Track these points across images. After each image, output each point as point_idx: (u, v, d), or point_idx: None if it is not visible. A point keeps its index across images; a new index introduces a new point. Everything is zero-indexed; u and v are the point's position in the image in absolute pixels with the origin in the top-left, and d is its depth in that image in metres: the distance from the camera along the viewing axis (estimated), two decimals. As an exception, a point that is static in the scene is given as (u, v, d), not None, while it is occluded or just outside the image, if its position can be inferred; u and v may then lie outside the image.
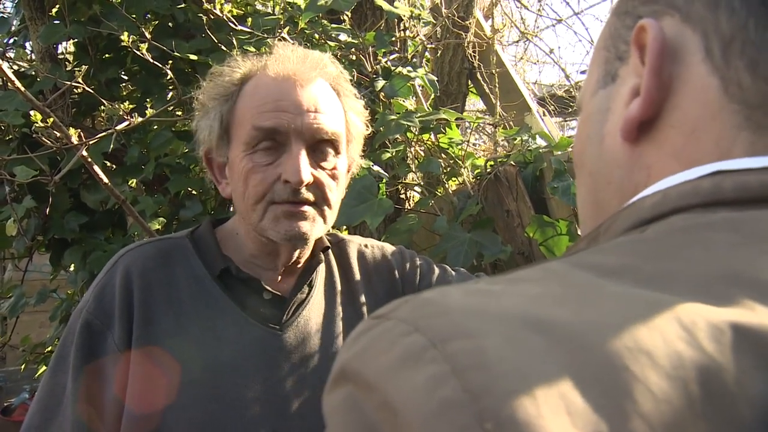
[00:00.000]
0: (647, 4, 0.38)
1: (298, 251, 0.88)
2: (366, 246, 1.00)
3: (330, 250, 0.96)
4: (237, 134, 0.83)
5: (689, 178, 0.32)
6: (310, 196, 0.81)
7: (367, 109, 0.94)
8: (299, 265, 0.90)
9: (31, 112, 1.35)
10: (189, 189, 1.89)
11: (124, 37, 1.47)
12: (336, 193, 0.86)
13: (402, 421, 0.22)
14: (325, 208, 0.84)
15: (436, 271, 0.99)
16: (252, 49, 1.63)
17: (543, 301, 0.25)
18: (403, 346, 0.24)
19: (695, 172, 0.32)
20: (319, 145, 0.83)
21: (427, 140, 1.82)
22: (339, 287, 0.93)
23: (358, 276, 0.95)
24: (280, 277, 0.89)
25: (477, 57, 2.32)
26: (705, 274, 0.26)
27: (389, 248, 1.01)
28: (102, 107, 1.57)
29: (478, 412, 0.21)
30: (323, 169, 0.83)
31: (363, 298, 0.94)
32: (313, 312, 0.89)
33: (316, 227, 0.82)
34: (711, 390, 0.21)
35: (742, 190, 0.30)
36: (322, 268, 0.93)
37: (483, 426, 0.20)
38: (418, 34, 2.11)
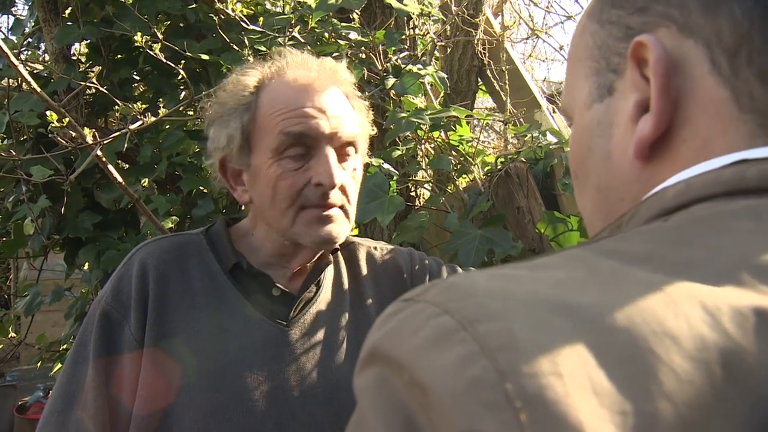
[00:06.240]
0: (637, 15, 0.37)
1: (319, 254, 0.90)
2: (375, 248, 1.00)
3: (339, 252, 0.96)
4: (261, 142, 0.83)
5: (712, 168, 0.32)
6: (337, 200, 0.83)
7: (373, 108, 0.95)
8: (309, 265, 0.91)
9: (47, 113, 1.36)
10: (201, 188, 1.90)
11: (137, 37, 1.49)
12: (356, 192, 0.88)
13: (432, 399, 0.22)
14: (349, 209, 0.86)
15: (446, 271, 1.00)
16: (263, 48, 1.64)
17: (567, 285, 0.25)
18: (433, 327, 0.24)
19: (718, 162, 0.32)
20: (342, 148, 0.84)
21: (438, 137, 1.82)
22: (347, 288, 0.94)
23: (366, 277, 0.96)
24: (290, 276, 0.90)
25: (486, 54, 2.31)
26: (727, 261, 0.26)
27: (399, 250, 1.01)
28: (115, 107, 1.58)
29: (508, 391, 0.21)
30: (346, 171, 0.85)
31: (371, 299, 0.94)
32: (320, 310, 0.90)
33: (343, 230, 0.85)
34: (733, 372, 0.22)
35: (764, 178, 0.30)
36: (330, 269, 0.94)
37: (512, 404, 0.21)
38: (427, 32, 2.12)
